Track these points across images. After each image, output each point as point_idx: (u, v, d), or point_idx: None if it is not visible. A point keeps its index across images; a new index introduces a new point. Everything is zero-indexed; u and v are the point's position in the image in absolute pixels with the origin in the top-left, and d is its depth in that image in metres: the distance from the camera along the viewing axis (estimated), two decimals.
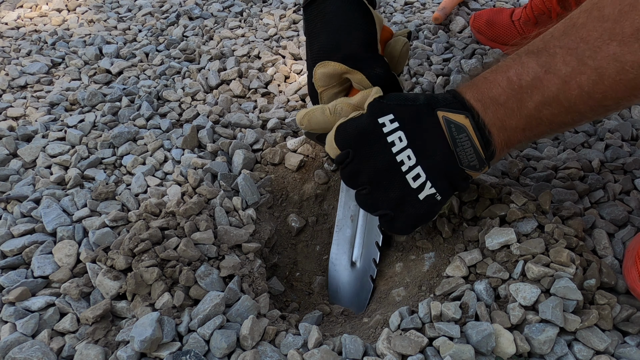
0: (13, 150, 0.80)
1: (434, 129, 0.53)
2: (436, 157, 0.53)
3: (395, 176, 0.54)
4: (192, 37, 1.14)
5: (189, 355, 0.49)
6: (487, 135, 0.51)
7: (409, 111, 0.54)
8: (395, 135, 0.53)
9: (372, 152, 0.54)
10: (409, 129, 0.53)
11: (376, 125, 0.54)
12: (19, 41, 1.14)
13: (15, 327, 0.54)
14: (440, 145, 0.53)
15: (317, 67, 0.63)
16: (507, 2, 1.28)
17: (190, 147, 0.81)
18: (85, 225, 0.67)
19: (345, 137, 0.55)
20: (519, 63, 0.49)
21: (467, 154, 0.52)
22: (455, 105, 0.52)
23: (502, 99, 0.50)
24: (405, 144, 0.53)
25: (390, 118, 0.54)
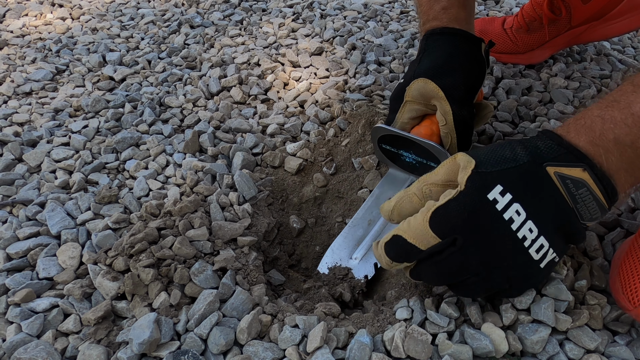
0: (18, 155, 0.80)
1: (549, 189, 0.46)
2: (557, 221, 0.47)
3: (518, 254, 0.47)
4: (193, 45, 1.15)
5: (187, 355, 0.50)
6: (611, 183, 0.45)
7: (516, 176, 0.47)
8: (511, 209, 0.46)
9: (489, 236, 0.46)
10: (524, 197, 0.46)
11: (487, 204, 0.46)
12: (24, 49, 1.14)
13: (20, 327, 0.54)
14: (559, 206, 0.47)
15: (418, 80, 0.65)
16: (500, 11, 1.29)
17: (191, 152, 0.81)
18: (88, 228, 0.67)
19: (449, 223, 0.47)
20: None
21: (589, 209, 0.46)
22: (566, 157, 0.46)
23: (628, 140, 0.44)
24: (525, 217, 0.46)
25: (500, 190, 0.46)
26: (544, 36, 0.98)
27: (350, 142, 0.81)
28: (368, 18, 1.25)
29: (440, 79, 0.65)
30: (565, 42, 1.00)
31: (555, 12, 0.94)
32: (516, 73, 1.00)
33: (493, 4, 1.33)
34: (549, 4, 0.94)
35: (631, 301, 0.51)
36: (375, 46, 1.09)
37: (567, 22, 0.96)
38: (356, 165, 0.79)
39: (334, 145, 0.82)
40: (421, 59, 0.69)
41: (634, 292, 0.51)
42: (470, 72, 0.68)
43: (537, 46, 1.00)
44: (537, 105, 0.90)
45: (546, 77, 0.98)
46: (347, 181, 0.79)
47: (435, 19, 0.71)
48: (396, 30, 1.18)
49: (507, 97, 0.93)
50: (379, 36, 1.15)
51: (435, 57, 0.67)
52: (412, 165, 0.72)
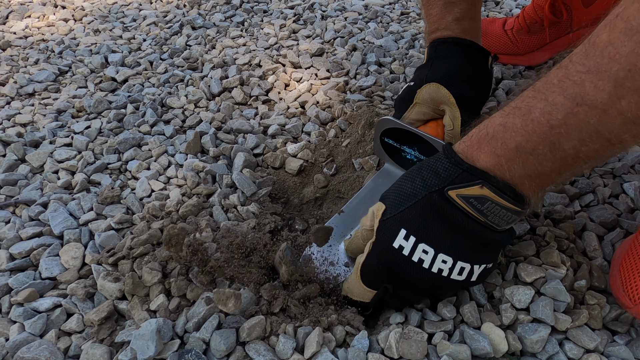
0: (21, 155, 0.81)
1: (454, 213, 0.47)
2: (471, 241, 0.48)
3: (442, 285, 0.50)
4: (195, 46, 1.15)
5: (190, 354, 0.50)
6: (515, 190, 0.45)
7: (416, 214, 0.49)
8: (418, 250, 0.48)
9: (409, 280, 0.50)
10: (427, 234, 0.48)
11: (394, 253, 0.50)
12: (27, 50, 1.15)
13: (23, 327, 0.54)
14: (469, 226, 0.47)
15: (431, 85, 0.67)
16: (500, 12, 1.29)
17: (193, 152, 0.81)
18: (91, 229, 0.67)
19: (375, 278, 0.52)
20: (542, 101, 0.41)
21: (501, 217, 0.46)
22: (464, 177, 0.46)
23: (529, 147, 0.42)
24: (433, 253, 0.48)
25: (404, 235, 0.49)
26: (545, 38, 0.98)
27: (350, 142, 0.81)
28: (369, 19, 1.25)
29: (453, 87, 0.67)
30: (565, 45, 1.00)
31: (556, 14, 0.94)
32: (516, 74, 1.00)
33: (493, 5, 1.33)
34: (550, 6, 0.94)
35: (632, 299, 0.51)
36: (375, 47, 1.09)
37: (568, 25, 0.96)
38: (356, 165, 0.79)
39: (335, 145, 0.82)
40: (432, 64, 0.70)
41: (634, 289, 0.51)
42: (480, 84, 0.72)
43: (537, 48, 1.00)
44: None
45: None
46: (348, 182, 0.79)
47: (447, 28, 0.71)
48: (397, 31, 1.18)
49: (507, 97, 0.93)
50: (379, 37, 1.15)
51: (447, 65, 0.69)
52: (411, 162, 0.73)
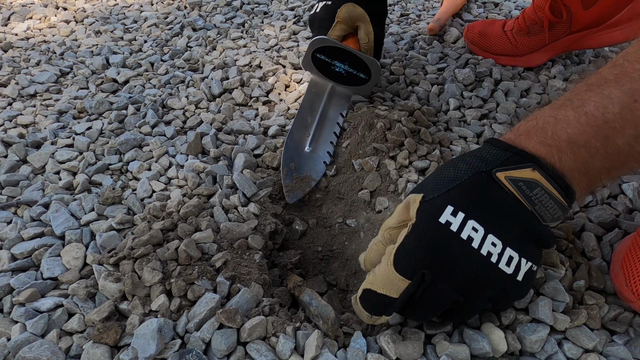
0: (23, 156, 0.81)
1: (504, 196, 0.44)
2: (519, 227, 0.44)
3: (488, 273, 0.44)
4: (195, 47, 1.15)
5: (191, 354, 0.50)
6: (564, 181, 0.43)
7: (464, 192, 0.45)
8: (467, 227, 0.43)
9: (454, 262, 0.43)
10: (477, 211, 0.44)
11: (441, 228, 0.44)
12: (29, 51, 1.15)
13: (25, 327, 0.54)
14: (517, 211, 0.44)
15: (348, 4, 0.80)
16: (499, 13, 1.29)
17: (194, 153, 0.81)
18: (92, 229, 0.67)
19: (412, 260, 0.44)
20: (597, 94, 0.41)
21: (548, 209, 0.44)
22: (514, 159, 0.44)
23: (581, 140, 0.41)
24: (484, 232, 0.43)
25: (451, 211, 0.44)
26: (544, 39, 0.98)
27: (350, 143, 0.81)
28: None
29: (365, 5, 0.81)
30: (564, 47, 1.00)
31: (556, 15, 0.95)
32: (515, 75, 1.00)
33: (492, 7, 1.33)
34: (550, 7, 0.94)
35: (635, 293, 0.51)
36: None
37: (568, 26, 0.96)
38: (356, 166, 0.79)
39: (335, 147, 0.82)
40: None
41: (638, 284, 0.51)
42: (383, 2, 0.87)
43: (536, 49, 1.00)
44: (536, 107, 0.91)
45: (545, 79, 0.99)
46: (348, 182, 0.79)
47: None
48: (396, 32, 1.18)
49: (506, 98, 0.93)
50: None
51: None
52: (340, 75, 0.86)
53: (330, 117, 0.85)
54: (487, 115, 0.90)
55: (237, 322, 0.52)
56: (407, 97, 0.93)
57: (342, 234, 0.76)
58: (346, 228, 0.77)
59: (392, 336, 0.50)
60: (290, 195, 0.76)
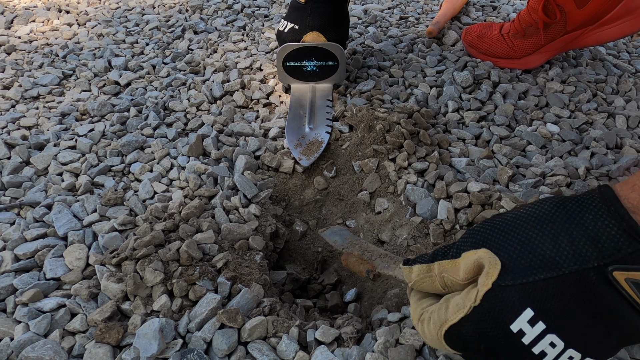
0: (26, 158, 0.81)
1: (614, 302, 0.32)
2: (613, 334, 0.34)
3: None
4: (197, 50, 1.16)
5: (192, 354, 0.50)
6: None
7: (557, 293, 0.33)
8: (543, 342, 0.34)
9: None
10: (563, 324, 0.33)
11: (508, 337, 0.35)
12: (32, 54, 1.15)
13: (28, 327, 0.54)
14: (626, 325, 0.33)
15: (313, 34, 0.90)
16: (497, 16, 1.29)
17: (195, 155, 0.82)
18: (95, 230, 0.67)
19: (462, 345, 0.38)
20: None
21: None
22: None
23: None
24: (562, 347, 0.34)
25: (529, 317, 0.34)
26: (540, 41, 0.99)
27: (350, 145, 0.82)
28: (368, 24, 1.25)
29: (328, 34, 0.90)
30: (560, 47, 1.00)
31: (550, 15, 0.95)
32: (513, 77, 1.01)
33: (491, 10, 1.34)
34: (544, 8, 0.94)
35: None
36: (375, 51, 1.09)
37: (563, 26, 0.96)
38: (356, 168, 0.80)
39: (335, 148, 0.83)
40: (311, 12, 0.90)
41: None
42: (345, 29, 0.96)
43: (533, 51, 1.01)
44: (534, 109, 0.91)
45: (542, 82, 0.99)
46: (347, 184, 0.79)
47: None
48: (395, 35, 1.18)
49: (504, 101, 0.93)
50: (378, 41, 1.15)
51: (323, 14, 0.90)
52: (313, 72, 0.92)
53: (319, 105, 0.90)
54: (486, 118, 0.90)
55: (238, 322, 0.52)
56: (406, 99, 0.93)
57: None
58: (346, 229, 0.77)
59: (387, 339, 0.50)
60: (305, 159, 0.79)
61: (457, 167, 0.77)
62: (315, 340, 0.52)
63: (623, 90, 0.97)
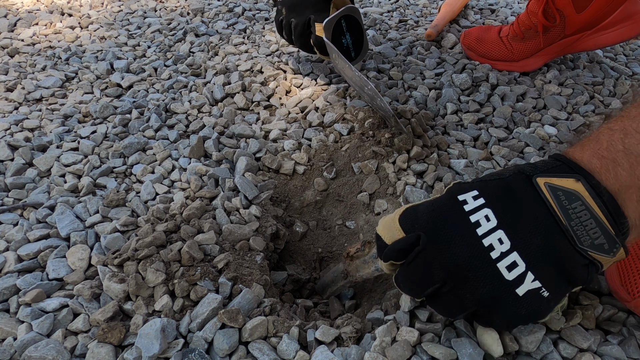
0: (29, 159, 0.81)
1: (535, 202, 0.40)
2: (539, 238, 0.39)
3: (483, 265, 0.40)
4: (198, 52, 1.16)
5: (194, 354, 0.50)
6: (612, 199, 0.37)
7: (497, 185, 0.42)
8: (480, 213, 0.40)
9: (451, 236, 0.41)
10: (498, 204, 0.40)
11: (455, 203, 0.42)
12: (35, 57, 1.15)
13: (31, 327, 0.54)
14: (544, 221, 0.39)
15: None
16: (496, 20, 1.30)
17: (196, 157, 0.82)
18: (97, 231, 0.67)
19: (415, 218, 0.43)
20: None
21: (587, 229, 0.38)
22: (560, 168, 0.40)
23: (638, 150, 0.37)
24: (495, 224, 0.40)
25: (474, 194, 0.42)
26: (539, 44, 0.99)
27: (350, 147, 0.82)
28: (368, 27, 1.25)
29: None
30: (558, 51, 1.00)
31: (549, 19, 0.95)
32: (511, 80, 1.01)
33: (489, 13, 1.34)
34: (543, 12, 0.94)
35: (630, 292, 0.51)
36: (374, 54, 1.10)
37: (561, 30, 0.96)
38: (356, 169, 0.80)
39: (334, 150, 0.83)
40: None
41: (632, 283, 0.51)
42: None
43: (531, 54, 1.01)
44: (532, 111, 0.91)
45: (540, 84, 0.99)
46: (347, 185, 0.79)
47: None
48: (395, 38, 1.18)
49: (502, 103, 0.93)
50: (378, 44, 1.15)
51: None
52: (341, 48, 0.92)
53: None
54: (484, 119, 0.90)
55: (239, 322, 0.52)
56: (405, 102, 0.93)
57: (341, 235, 0.77)
58: (346, 230, 0.77)
59: (383, 340, 0.51)
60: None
61: (456, 168, 0.77)
62: (315, 340, 0.52)
63: (620, 93, 0.98)
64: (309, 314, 0.61)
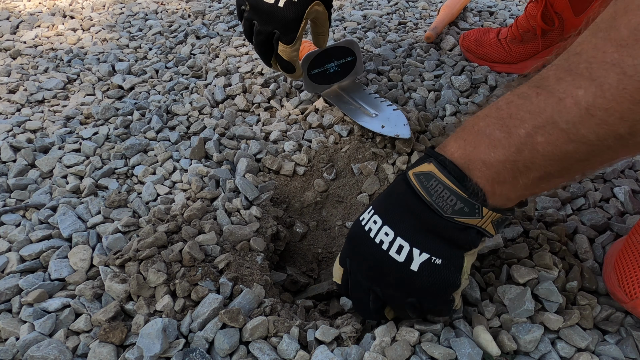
0: (31, 161, 0.81)
1: (405, 192, 0.47)
2: (413, 219, 0.46)
3: (380, 259, 0.47)
4: (199, 54, 1.16)
5: (195, 353, 0.50)
6: (457, 168, 0.43)
7: (383, 193, 0.50)
8: (370, 221, 0.49)
9: (359, 250, 0.50)
10: (381, 207, 0.49)
11: (357, 224, 0.51)
12: (37, 59, 1.16)
13: (33, 326, 0.54)
14: (413, 204, 0.46)
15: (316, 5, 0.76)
16: (494, 22, 1.30)
17: (197, 158, 0.82)
18: (99, 231, 0.67)
19: (343, 254, 0.53)
20: (510, 92, 0.42)
21: (445, 200, 0.44)
22: (423, 158, 0.47)
23: (488, 130, 0.42)
24: (381, 223, 0.48)
25: (368, 209, 0.50)
26: (537, 47, 0.99)
27: (349, 148, 0.82)
28: (367, 29, 1.26)
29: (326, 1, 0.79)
30: None
31: (548, 23, 0.95)
32: None
33: (488, 15, 1.34)
34: (542, 15, 0.95)
35: (628, 294, 0.51)
36: (374, 56, 1.10)
37: (560, 33, 0.97)
38: (355, 170, 0.80)
39: (334, 151, 0.83)
40: None
41: (630, 285, 0.51)
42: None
43: (530, 56, 1.01)
44: None
45: None
46: (347, 186, 0.80)
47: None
48: (394, 40, 1.19)
49: None
50: (377, 46, 1.16)
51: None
52: (336, 72, 0.91)
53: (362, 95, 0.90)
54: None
55: (239, 322, 0.52)
56: (404, 103, 0.93)
57: (341, 236, 0.77)
58: (345, 230, 0.77)
59: (383, 340, 0.51)
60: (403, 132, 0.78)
61: None
62: (315, 340, 0.52)
63: None
64: (309, 314, 0.61)
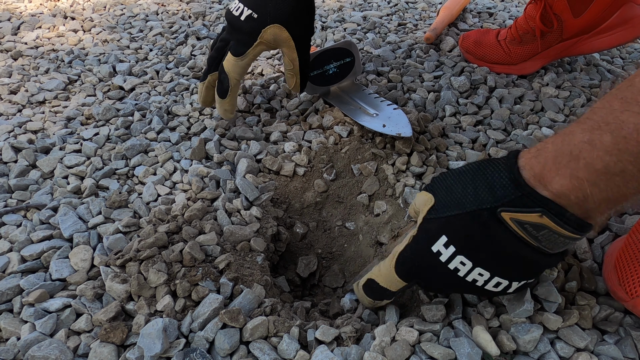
0: (32, 161, 0.81)
1: (503, 235, 0.43)
2: (516, 262, 0.45)
3: (475, 290, 0.48)
4: (199, 55, 1.16)
5: (195, 353, 0.50)
6: (579, 220, 0.40)
7: (461, 225, 0.45)
8: (455, 261, 0.46)
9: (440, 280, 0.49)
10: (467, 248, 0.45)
11: (432, 256, 0.47)
12: (38, 60, 1.16)
13: (34, 326, 0.54)
14: (518, 249, 0.43)
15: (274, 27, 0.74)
16: (494, 23, 1.30)
17: (198, 158, 0.82)
18: (99, 232, 0.68)
19: (409, 271, 0.50)
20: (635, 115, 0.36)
21: (555, 243, 0.42)
22: (522, 202, 0.41)
23: (618, 168, 0.36)
24: (471, 266, 0.45)
25: (444, 242, 0.46)
26: (536, 48, 0.99)
27: (349, 149, 0.82)
28: (367, 30, 1.26)
29: (292, 29, 0.75)
30: (556, 54, 1.01)
31: (547, 24, 0.95)
32: (509, 83, 1.01)
33: (487, 17, 1.34)
34: (541, 17, 0.95)
35: (629, 292, 0.52)
36: (374, 57, 1.10)
37: (559, 34, 0.97)
38: (355, 171, 0.80)
39: (334, 152, 0.83)
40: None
41: (631, 283, 0.52)
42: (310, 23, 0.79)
43: (529, 57, 1.01)
44: (529, 114, 0.91)
45: (538, 87, 0.99)
46: (347, 187, 0.80)
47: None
48: (394, 41, 1.19)
49: (500, 105, 0.94)
50: (377, 47, 1.16)
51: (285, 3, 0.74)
52: (335, 74, 0.91)
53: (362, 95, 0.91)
54: (482, 122, 0.90)
55: (240, 322, 0.52)
56: (404, 104, 0.93)
57: (341, 236, 0.77)
58: (345, 231, 0.77)
59: (383, 340, 0.51)
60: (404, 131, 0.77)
61: None
62: (315, 340, 0.52)
63: None
64: (309, 314, 0.61)
